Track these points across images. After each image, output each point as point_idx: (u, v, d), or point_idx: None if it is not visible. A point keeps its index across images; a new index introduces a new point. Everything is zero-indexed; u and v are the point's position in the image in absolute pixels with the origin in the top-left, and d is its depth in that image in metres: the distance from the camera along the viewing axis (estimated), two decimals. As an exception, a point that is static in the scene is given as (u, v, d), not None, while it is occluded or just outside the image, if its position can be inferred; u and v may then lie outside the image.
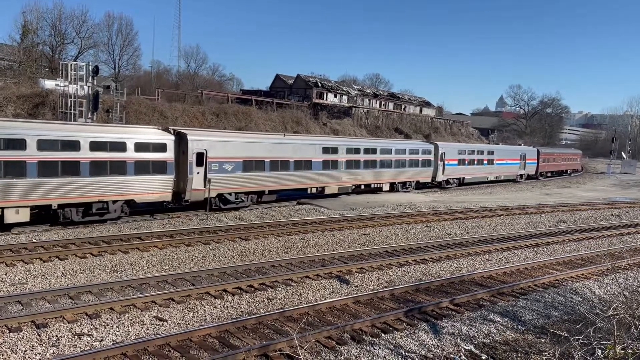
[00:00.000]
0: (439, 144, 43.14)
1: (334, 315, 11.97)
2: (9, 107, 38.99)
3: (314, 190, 30.11)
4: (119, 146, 21.41)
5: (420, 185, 39.96)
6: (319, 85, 77.08)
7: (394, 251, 18.79)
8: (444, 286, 14.67)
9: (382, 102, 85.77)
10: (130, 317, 11.19)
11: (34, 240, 17.68)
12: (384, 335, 10.91)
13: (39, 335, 10.06)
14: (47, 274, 14.06)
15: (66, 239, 17.80)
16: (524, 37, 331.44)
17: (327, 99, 75.55)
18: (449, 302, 13.06)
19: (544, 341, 11.27)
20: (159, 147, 22.75)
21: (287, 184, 28.19)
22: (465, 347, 10.70)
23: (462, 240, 21.31)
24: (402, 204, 31.32)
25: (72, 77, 36.36)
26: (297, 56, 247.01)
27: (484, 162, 47.47)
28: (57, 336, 10.07)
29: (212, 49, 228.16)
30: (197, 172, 23.74)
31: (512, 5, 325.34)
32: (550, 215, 30.30)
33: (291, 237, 20.20)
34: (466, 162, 44.87)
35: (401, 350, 10.31)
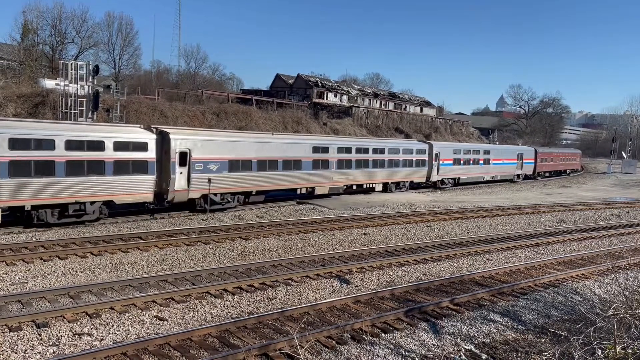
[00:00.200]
0: (434, 143, 42.57)
1: (334, 314, 11.97)
2: (9, 107, 39.01)
3: (304, 190, 29.58)
4: (96, 145, 20.70)
5: (414, 185, 39.50)
6: (320, 84, 77.06)
7: (394, 251, 18.79)
8: (444, 286, 14.67)
9: (383, 102, 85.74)
10: (130, 317, 11.19)
11: (35, 239, 17.69)
12: (384, 334, 10.91)
13: (39, 334, 10.06)
14: (48, 274, 14.06)
15: (66, 239, 17.81)
16: (525, 37, 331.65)
17: (327, 99, 75.53)
18: (449, 302, 13.05)
19: (544, 341, 11.27)
20: (140, 146, 22.05)
21: (276, 184, 27.60)
22: (465, 346, 10.71)
23: (462, 240, 21.31)
24: (402, 204, 31.32)
25: (73, 77, 36.36)
26: (297, 56, 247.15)
27: (480, 162, 46.90)
28: (57, 335, 10.07)
29: (212, 48, 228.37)
30: (180, 172, 23.14)
31: (513, 5, 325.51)
32: (550, 215, 30.29)
33: (291, 237, 20.20)
34: (461, 162, 44.31)
35: (401, 350, 10.31)
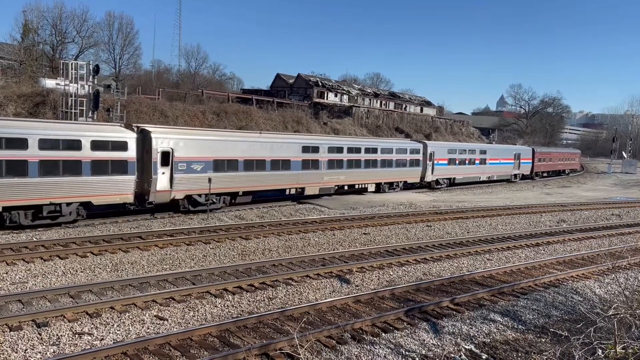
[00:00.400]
0: (428, 143, 42.01)
1: (334, 314, 11.97)
2: (9, 106, 39.03)
3: (293, 191, 28.98)
4: (73, 144, 19.96)
5: (408, 185, 38.90)
6: (320, 84, 77.05)
7: (395, 250, 18.79)
8: (445, 286, 14.67)
9: (383, 102, 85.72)
10: (130, 316, 11.20)
11: (35, 239, 17.70)
12: (384, 334, 10.91)
13: (40, 334, 10.07)
14: (48, 273, 14.07)
15: (67, 238, 17.81)
16: (525, 37, 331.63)
17: (327, 99, 75.52)
18: (449, 302, 13.05)
19: (544, 341, 11.27)
20: (119, 146, 21.31)
21: (263, 184, 26.90)
22: (465, 346, 10.70)
23: (462, 239, 21.30)
24: (403, 204, 31.33)
25: (73, 76, 36.38)
26: (297, 55, 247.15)
27: (476, 161, 46.26)
28: (57, 335, 10.08)
29: (212, 48, 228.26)
30: (163, 172, 22.50)
31: (513, 5, 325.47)
32: (550, 214, 30.28)
33: (292, 237, 20.20)
34: (457, 162, 43.67)
35: (401, 349, 10.31)
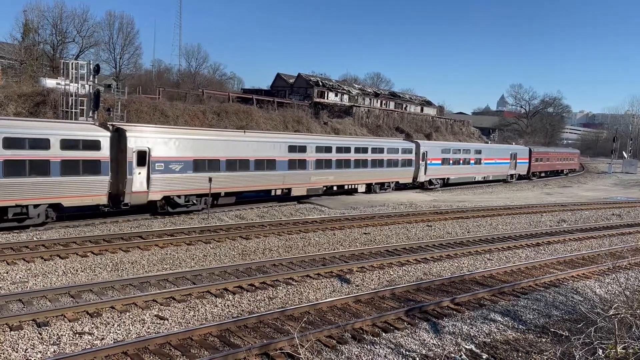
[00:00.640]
0: (421, 142, 41.29)
1: (334, 314, 11.96)
2: (10, 106, 39.06)
3: (279, 192, 28.21)
4: (40, 143, 19.07)
5: (400, 186, 38.24)
6: (320, 84, 77.03)
7: (395, 250, 18.78)
8: (445, 285, 14.66)
9: (383, 102, 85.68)
10: (131, 316, 11.19)
11: (35, 238, 17.69)
12: (384, 334, 10.90)
13: (40, 333, 10.07)
14: (48, 273, 14.07)
15: (67, 238, 17.81)
16: (525, 37, 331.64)
17: (328, 98, 75.50)
18: (449, 302, 13.05)
19: (545, 341, 11.27)
20: (91, 145, 20.40)
21: (247, 185, 26.14)
22: (466, 346, 10.69)
23: (463, 239, 21.29)
24: (403, 203, 31.32)
25: (73, 76, 36.37)
26: (298, 55, 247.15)
27: (471, 161, 45.69)
28: (58, 335, 10.08)
29: (213, 48, 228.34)
30: (139, 173, 21.77)
31: (514, 4, 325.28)
32: (551, 214, 30.27)
33: (292, 236, 20.20)
34: (451, 162, 43.03)
35: (402, 349, 10.30)
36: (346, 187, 33.06)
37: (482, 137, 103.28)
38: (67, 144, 19.78)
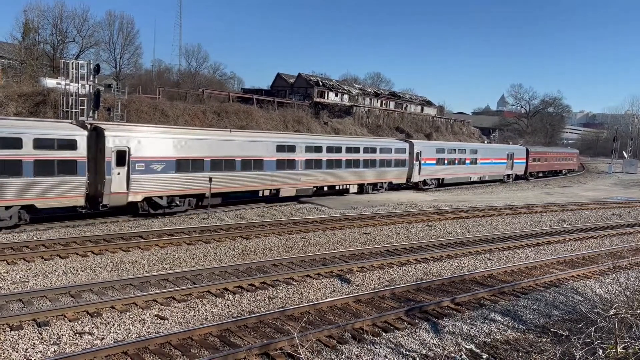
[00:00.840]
0: (415, 142, 40.59)
1: (335, 314, 11.96)
2: (10, 106, 39.08)
3: (267, 192, 27.49)
4: (11, 142, 18.41)
5: (393, 186, 37.47)
6: (320, 84, 77.04)
7: (395, 250, 18.79)
8: (445, 285, 14.66)
9: (384, 101, 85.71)
10: (131, 316, 11.20)
11: (35, 238, 17.69)
12: (385, 334, 10.90)
13: (40, 333, 10.07)
14: (49, 272, 14.07)
15: (67, 237, 17.81)
16: (526, 37, 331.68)
17: (328, 98, 75.51)
18: (450, 302, 13.05)
19: (545, 340, 11.26)
20: (67, 144, 19.70)
21: (233, 186, 25.41)
22: (466, 346, 10.69)
23: (463, 239, 21.29)
24: (403, 203, 31.32)
25: (73, 76, 36.33)
26: (298, 55, 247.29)
27: (466, 161, 45.01)
28: (58, 334, 10.08)
29: (213, 47, 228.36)
30: (118, 173, 21.10)
31: (514, 4, 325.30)
32: (551, 214, 30.26)
33: (292, 236, 20.20)
34: (446, 162, 42.35)
35: (402, 349, 10.30)
36: (337, 187, 32.38)
37: (483, 137, 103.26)
38: (41, 144, 19.10)
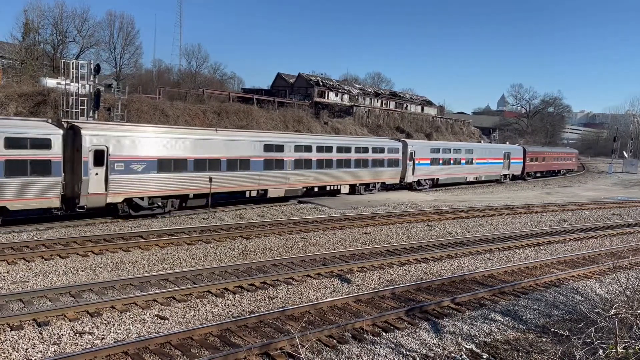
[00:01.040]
0: (408, 141, 39.97)
1: (335, 314, 11.96)
2: (10, 106, 39.06)
3: (254, 193, 26.96)
4: None
5: (386, 186, 36.81)
6: (321, 84, 77.06)
7: (395, 250, 18.78)
8: (445, 285, 14.66)
9: (384, 101, 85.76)
10: (131, 316, 11.20)
11: (36, 238, 17.69)
12: (385, 334, 10.90)
13: (41, 333, 10.07)
14: (49, 272, 14.07)
15: (68, 237, 17.81)
16: (526, 37, 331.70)
17: (328, 98, 75.54)
18: (450, 301, 13.05)
19: (545, 340, 11.26)
20: (41, 144, 19.04)
21: (218, 186, 24.60)
22: (466, 346, 10.69)
23: (463, 239, 21.29)
24: (404, 203, 31.33)
25: (74, 76, 36.35)
26: (298, 55, 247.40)
27: (462, 161, 44.41)
28: (58, 334, 10.08)
29: (213, 47, 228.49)
30: (96, 173, 20.46)
31: (514, 4, 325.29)
32: (551, 214, 30.26)
33: (292, 236, 20.20)
34: (440, 162, 41.77)
35: (402, 349, 10.30)
36: (328, 188, 31.76)
37: (483, 136, 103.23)
38: (13, 143, 18.44)
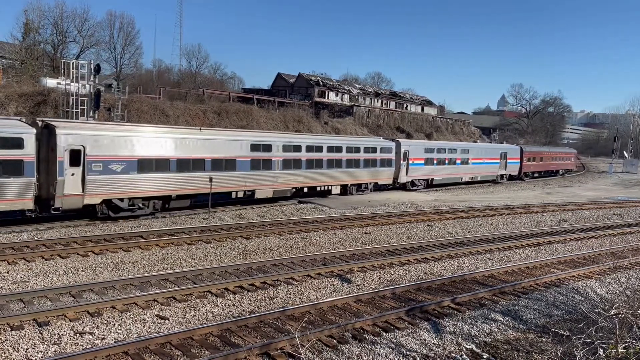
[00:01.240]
0: (402, 141, 39.43)
1: (335, 314, 11.96)
2: (10, 106, 39.07)
3: (240, 194, 26.26)
4: None
5: (379, 187, 36.29)
6: (321, 84, 77.07)
7: (396, 250, 18.78)
8: (446, 285, 14.66)
9: (384, 101, 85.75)
10: (131, 316, 11.20)
11: (36, 238, 17.69)
12: (385, 334, 10.90)
13: (41, 333, 10.07)
14: (49, 272, 14.07)
15: (68, 237, 17.81)
16: (526, 37, 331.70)
17: (328, 98, 75.53)
18: (450, 301, 13.04)
19: (545, 340, 11.26)
20: (12, 143, 18.38)
21: (202, 187, 23.88)
22: (466, 346, 10.69)
23: (463, 239, 21.29)
24: (404, 203, 31.32)
25: (74, 76, 36.39)
26: (298, 55, 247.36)
27: (457, 161, 43.90)
28: (58, 334, 10.08)
29: (213, 47, 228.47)
30: (72, 174, 19.78)
31: (514, 4, 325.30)
32: (551, 214, 30.26)
33: (293, 236, 20.20)
34: (435, 162, 41.20)
35: (402, 349, 10.30)
36: (318, 188, 31.17)
37: (483, 136, 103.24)
38: None
